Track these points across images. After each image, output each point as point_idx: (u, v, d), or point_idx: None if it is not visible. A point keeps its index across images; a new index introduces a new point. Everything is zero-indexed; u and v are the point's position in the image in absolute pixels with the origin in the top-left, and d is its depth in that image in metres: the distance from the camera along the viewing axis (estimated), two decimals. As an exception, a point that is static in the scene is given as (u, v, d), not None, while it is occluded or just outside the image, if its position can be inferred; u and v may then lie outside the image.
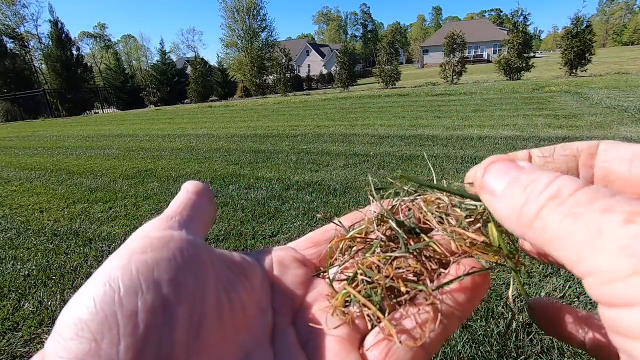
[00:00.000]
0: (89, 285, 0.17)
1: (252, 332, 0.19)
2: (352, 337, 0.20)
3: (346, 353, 0.19)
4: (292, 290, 0.22)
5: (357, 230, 0.23)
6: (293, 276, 0.23)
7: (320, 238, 0.26)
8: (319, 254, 0.25)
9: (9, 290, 2.14)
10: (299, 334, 0.20)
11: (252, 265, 0.22)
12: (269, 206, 3.11)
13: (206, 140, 6.98)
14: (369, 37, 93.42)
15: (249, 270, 0.22)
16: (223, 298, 0.19)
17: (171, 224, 0.20)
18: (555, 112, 6.51)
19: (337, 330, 0.20)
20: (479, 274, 0.19)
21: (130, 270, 0.17)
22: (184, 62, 47.43)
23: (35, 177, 5.00)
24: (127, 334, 0.15)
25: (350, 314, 0.20)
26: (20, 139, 10.39)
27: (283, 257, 0.24)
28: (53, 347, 0.15)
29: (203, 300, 0.18)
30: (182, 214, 0.22)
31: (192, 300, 0.17)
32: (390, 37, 19.51)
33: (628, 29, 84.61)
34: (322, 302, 0.22)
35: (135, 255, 0.17)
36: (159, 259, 0.17)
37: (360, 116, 8.40)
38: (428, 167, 3.86)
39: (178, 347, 0.16)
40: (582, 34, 14.18)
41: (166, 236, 0.19)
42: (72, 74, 25.74)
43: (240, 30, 35.04)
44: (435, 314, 0.19)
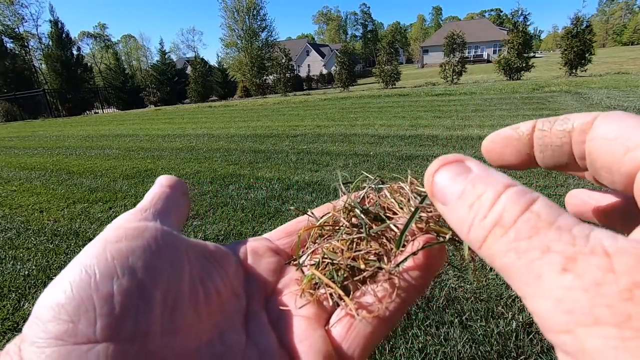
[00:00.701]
0: (65, 272, 0.18)
1: (227, 315, 0.21)
2: (319, 316, 0.22)
3: (312, 330, 0.21)
4: (265, 277, 0.24)
5: (325, 219, 0.25)
6: (266, 264, 0.24)
7: (293, 228, 0.28)
8: (291, 243, 0.27)
9: (9, 290, 2.14)
10: (270, 316, 0.22)
11: (227, 254, 0.23)
12: (269, 206, 3.11)
13: (206, 140, 6.98)
14: (369, 37, 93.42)
15: (224, 258, 0.23)
16: (197, 283, 0.20)
17: (145, 216, 0.21)
18: (555, 112, 6.51)
19: (304, 310, 0.22)
20: (433, 248, 0.21)
21: (105, 257, 0.18)
22: (184, 62, 47.45)
23: (35, 177, 5.00)
24: (103, 315, 0.16)
25: (316, 295, 0.22)
26: (20, 139, 10.39)
27: (257, 247, 0.25)
28: (32, 330, 0.16)
29: (178, 285, 0.19)
30: (156, 206, 0.23)
31: (166, 284, 0.18)
32: (390, 37, 19.54)
33: (628, 29, 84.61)
34: (293, 287, 0.23)
35: (110, 244, 0.18)
36: (134, 247, 0.18)
37: (360, 116, 8.40)
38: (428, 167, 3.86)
39: (154, 326, 0.17)
40: (582, 34, 14.19)
41: (140, 226, 0.20)
42: (72, 74, 25.74)
43: (240, 30, 35.05)
44: (392, 288, 0.20)
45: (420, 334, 1.52)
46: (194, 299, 0.19)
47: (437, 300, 1.72)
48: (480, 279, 1.84)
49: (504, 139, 0.20)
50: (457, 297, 1.74)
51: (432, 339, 1.49)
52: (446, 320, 1.58)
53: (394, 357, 1.43)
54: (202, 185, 3.93)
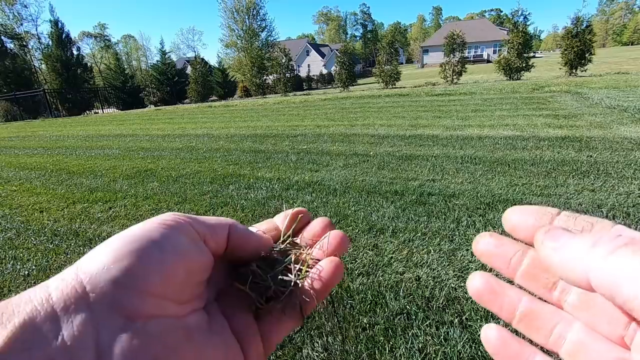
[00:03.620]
0: (122, 233, 0.22)
1: (199, 296, 0.26)
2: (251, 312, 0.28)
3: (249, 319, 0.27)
4: (218, 277, 0.29)
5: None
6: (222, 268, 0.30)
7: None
8: None
9: (9, 290, 2.14)
10: (221, 306, 0.27)
11: (208, 252, 0.27)
12: (269, 206, 3.11)
13: (206, 140, 6.98)
14: (369, 37, 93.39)
15: (208, 254, 0.27)
16: (201, 278, 0.25)
17: (192, 220, 0.26)
18: (555, 112, 6.51)
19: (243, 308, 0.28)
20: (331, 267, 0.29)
21: (151, 232, 0.22)
22: (184, 62, 47.42)
23: (35, 177, 5.00)
24: (147, 269, 0.21)
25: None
26: (20, 139, 10.39)
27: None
28: (91, 265, 0.20)
29: (192, 274, 0.24)
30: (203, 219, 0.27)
31: (187, 267, 0.23)
32: (390, 37, 19.47)
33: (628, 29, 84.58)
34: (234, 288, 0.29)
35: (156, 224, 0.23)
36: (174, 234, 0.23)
37: (360, 116, 8.40)
38: (427, 167, 3.86)
39: (170, 292, 0.22)
40: (582, 34, 14.18)
41: (185, 220, 0.25)
42: (72, 74, 25.76)
43: (239, 31, 35.05)
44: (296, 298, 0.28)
45: (420, 334, 1.52)
46: (193, 281, 0.24)
47: (437, 300, 1.72)
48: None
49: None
50: (457, 297, 1.74)
51: (432, 339, 1.49)
52: (446, 320, 1.58)
53: (394, 357, 1.43)
54: (202, 185, 3.93)
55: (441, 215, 2.63)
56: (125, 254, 0.21)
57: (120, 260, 0.20)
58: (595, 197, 2.74)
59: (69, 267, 0.21)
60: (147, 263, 0.21)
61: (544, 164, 3.62)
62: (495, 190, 3.05)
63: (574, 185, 3.00)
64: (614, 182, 3.01)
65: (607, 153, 3.82)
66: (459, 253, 2.12)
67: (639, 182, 2.95)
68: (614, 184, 2.97)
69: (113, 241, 0.22)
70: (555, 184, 3.07)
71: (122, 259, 0.20)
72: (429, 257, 2.10)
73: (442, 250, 2.17)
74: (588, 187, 2.95)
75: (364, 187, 3.38)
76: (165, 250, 0.22)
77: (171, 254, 0.22)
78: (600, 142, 4.26)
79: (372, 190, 3.29)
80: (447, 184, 3.30)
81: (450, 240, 2.28)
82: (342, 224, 2.64)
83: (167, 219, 0.24)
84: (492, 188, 3.10)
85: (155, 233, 0.22)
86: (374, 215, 2.74)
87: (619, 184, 2.96)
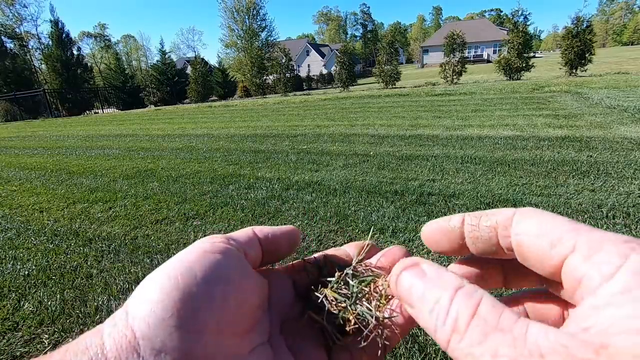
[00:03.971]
0: (168, 267, 0.21)
1: (262, 330, 0.24)
2: (322, 348, 0.25)
3: (320, 356, 0.25)
4: (282, 305, 0.27)
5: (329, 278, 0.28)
6: (284, 293, 0.28)
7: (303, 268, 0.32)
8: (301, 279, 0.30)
9: (9, 290, 2.14)
10: (286, 340, 0.25)
11: (264, 280, 0.27)
12: (269, 206, 3.11)
13: (206, 140, 6.98)
14: (369, 37, 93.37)
15: (264, 283, 0.26)
16: (255, 301, 0.24)
17: (230, 242, 0.25)
18: (555, 112, 6.51)
19: (312, 341, 0.25)
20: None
21: (204, 264, 0.21)
22: (184, 62, 47.43)
23: (35, 177, 5.00)
24: (202, 308, 0.20)
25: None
26: (20, 139, 10.39)
27: (278, 277, 0.29)
28: (140, 310, 0.19)
29: (245, 299, 0.22)
30: (240, 242, 0.26)
31: (240, 296, 0.22)
32: (390, 37, 19.45)
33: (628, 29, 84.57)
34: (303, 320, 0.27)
35: (208, 254, 0.22)
36: (224, 262, 0.22)
37: (360, 116, 8.40)
38: (427, 167, 3.86)
39: (227, 326, 0.21)
40: (583, 34, 14.17)
41: (228, 248, 0.24)
42: (72, 74, 25.77)
43: (239, 31, 35.05)
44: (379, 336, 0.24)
45: (420, 334, 1.52)
46: (251, 312, 0.23)
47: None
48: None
49: (438, 230, 0.23)
50: (457, 297, 1.74)
51: (432, 338, 1.49)
52: (446, 320, 1.58)
53: (394, 357, 1.43)
54: (202, 185, 3.93)
55: (441, 215, 2.62)
56: (169, 291, 0.20)
57: (165, 300, 0.19)
58: (595, 197, 2.74)
59: (121, 309, 0.20)
60: (195, 299, 0.20)
61: (544, 164, 3.62)
62: (495, 190, 3.05)
63: (574, 185, 3.00)
64: (614, 182, 3.01)
65: (607, 153, 3.82)
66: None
67: (639, 182, 2.95)
68: (614, 184, 2.97)
69: (158, 277, 0.21)
70: (555, 184, 3.06)
71: (167, 299, 0.19)
72: (429, 257, 2.10)
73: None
74: (588, 187, 2.95)
75: (364, 187, 3.38)
76: (210, 282, 0.21)
77: (217, 284, 0.21)
78: (600, 142, 4.26)
79: (372, 190, 3.29)
80: (447, 184, 3.30)
81: (450, 240, 2.28)
82: (342, 224, 2.64)
83: (205, 246, 0.23)
84: (492, 188, 3.10)
85: (196, 264, 0.21)
86: (374, 215, 2.74)
87: (619, 184, 2.96)
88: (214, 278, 0.21)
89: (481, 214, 0.21)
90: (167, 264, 0.22)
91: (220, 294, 0.21)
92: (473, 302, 0.17)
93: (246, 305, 0.22)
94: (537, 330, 0.15)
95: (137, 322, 0.19)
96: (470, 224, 0.22)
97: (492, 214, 0.21)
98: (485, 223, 0.21)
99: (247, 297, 0.23)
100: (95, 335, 0.19)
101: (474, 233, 0.21)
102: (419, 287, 0.19)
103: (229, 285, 0.21)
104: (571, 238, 0.17)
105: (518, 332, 0.15)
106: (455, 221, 0.22)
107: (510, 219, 0.20)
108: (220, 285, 0.21)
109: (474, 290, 0.17)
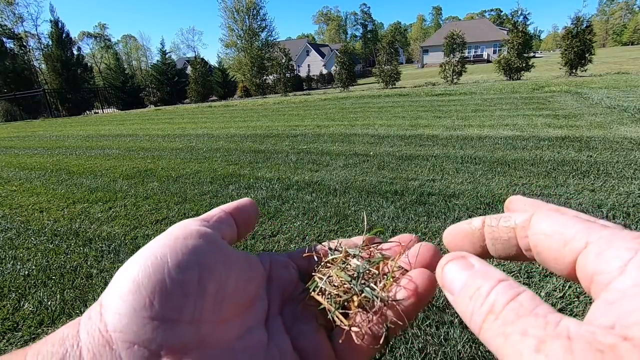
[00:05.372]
0: (139, 255, 0.21)
1: (254, 314, 0.24)
2: (322, 329, 0.25)
3: (320, 338, 0.24)
4: (283, 287, 0.27)
5: (335, 257, 0.28)
6: (286, 275, 0.28)
7: (308, 254, 0.31)
8: (306, 264, 0.30)
9: (9, 290, 2.14)
10: (285, 322, 0.25)
11: (257, 261, 0.27)
12: (269, 206, 3.11)
13: (206, 140, 6.98)
14: (369, 37, 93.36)
15: (255, 265, 0.26)
16: (240, 284, 0.23)
17: (207, 224, 0.25)
18: (555, 112, 6.50)
19: (312, 322, 0.25)
20: (424, 280, 0.24)
21: (176, 250, 0.21)
22: (184, 62, 47.41)
23: (35, 177, 5.00)
24: (173, 297, 0.19)
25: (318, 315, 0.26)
26: (20, 139, 10.39)
27: (279, 260, 0.29)
28: (112, 302, 0.19)
29: (226, 283, 0.22)
30: (216, 221, 0.26)
31: (218, 281, 0.22)
32: (390, 37, 19.45)
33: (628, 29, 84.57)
34: (304, 300, 0.26)
35: (179, 240, 0.22)
36: (198, 245, 0.22)
37: (360, 116, 8.40)
38: (427, 167, 3.86)
39: (206, 314, 0.20)
40: (582, 34, 14.17)
41: (205, 230, 0.23)
42: (72, 74, 25.73)
43: (239, 31, 35.00)
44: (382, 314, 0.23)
45: (420, 334, 1.52)
46: (236, 295, 0.23)
47: (437, 300, 1.72)
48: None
49: (460, 232, 0.24)
50: (457, 297, 1.74)
51: (432, 339, 1.49)
52: (446, 320, 1.58)
53: (394, 357, 1.43)
54: (202, 185, 3.93)
55: (441, 215, 2.63)
56: (140, 282, 0.19)
57: (137, 291, 0.19)
58: (595, 197, 2.74)
59: (97, 301, 0.20)
60: (168, 288, 0.19)
61: (544, 164, 3.62)
62: (495, 190, 3.05)
63: (574, 185, 3.00)
64: (614, 182, 3.01)
65: (607, 153, 3.82)
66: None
67: (639, 182, 2.95)
68: (614, 184, 2.97)
69: (130, 266, 0.20)
70: (555, 184, 3.06)
71: (139, 289, 0.19)
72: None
73: (442, 250, 2.17)
74: (588, 187, 2.95)
75: (364, 187, 3.38)
76: (183, 269, 0.20)
77: (190, 271, 0.20)
78: (600, 142, 4.26)
79: (372, 190, 3.29)
80: (447, 184, 3.30)
81: (450, 240, 2.27)
82: (342, 224, 2.64)
83: (178, 232, 0.22)
84: (492, 188, 3.10)
85: (168, 251, 0.21)
86: (374, 215, 2.74)
87: (619, 184, 2.96)
88: (187, 265, 0.20)
89: (501, 215, 0.22)
90: (139, 253, 0.21)
91: (194, 280, 0.20)
92: (513, 292, 0.17)
93: (229, 288, 0.22)
94: (570, 321, 0.15)
95: (110, 314, 0.19)
96: (490, 225, 0.22)
97: (511, 216, 0.21)
98: (505, 224, 0.21)
99: (229, 281, 0.22)
100: (73, 327, 0.19)
101: (494, 234, 0.22)
102: (464, 276, 0.20)
103: (204, 271, 0.21)
104: (583, 236, 0.17)
105: (551, 318, 0.15)
106: (477, 223, 0.23)
107: (529, 220, 0.20)
108: (195, 271, 0.20)
109: (517, 284, 0.18)
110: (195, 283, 0.20)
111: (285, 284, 0.27)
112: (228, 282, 0.22)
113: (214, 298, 0.21)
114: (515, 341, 0.15)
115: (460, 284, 0.19)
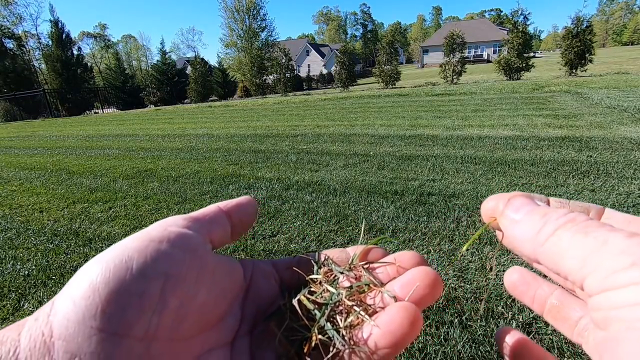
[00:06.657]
0: (106, 255, 0.19)
1: (221, 332, 0.22)
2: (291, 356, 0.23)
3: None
4: (259, 302, 0.25)
5: (315, 276, 0.25)
6: (265, 289, 0.25)
7: (295, 266, 0.29)
8: (291, 277, 0.27)
9: (9, 290, 2.14)
10: (253, 343, 0.23)
11: (239, 270, 0.24)
12: (269, 206, 3.11)
13: (206, 140, 6.98)
14: (369, 37, 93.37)
15: (235, 275, 0.24)
16: (210, 299, 0.21)
17: (192, 225, 0.22)
18: (555, 112, 6.51)
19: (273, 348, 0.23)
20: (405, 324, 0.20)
21: (145, 255, 0.19)
22: (184, 62, 47.42)
23: (35, 177, 5.00)
24: (128, 309, 0.17)
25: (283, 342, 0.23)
26: (20, 139, 10.39)
27: (264, 270, 0.26)
28: (63, 305, 0.17)
29: (194, 298, 0.20)
30: (204, 221, 0.24)
31: (185, 295, 0.19)
32: (390, 37, 19.46)
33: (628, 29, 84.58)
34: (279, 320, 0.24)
35: (152, 243, 0.20)
36: (171, 253, 0.20)
37: (360, 116, 8.40)
38: (427, 167, 3.86)
39: (162, 330, 0.18)
40: (583, 34, 14.17)
41: (184, 234, 0.21)
42: (72, 74, 25.73)
43: (240, 30, 35.02)
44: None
45: (420, 334, 1.52)
46: (202, 312, 0.20)
47: (436, 300, 1.72)
48: (479, 280, 1.84)
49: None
50: (457, 297, 1.74)
51: (432, 339, 1.49)
52: (446, 320, 1.58)
53: (394, 358, 1.42)
54: (202, 185, 3.93)
55: (441, 215, 2.63)
56: (96, 286, 0.17)
57: (91, 297, 0.17)
58: (595, 197, 2.74)
59: (49, 302, 0.18)
60: (125, 297, 0.17)
61: (544, 164, 3.62)
62: (495, 190, 3.05)
63: (574, 185, 3.00)
64: (614, 182, 3.01)
65: (607, 153, 3.82)
66: (458, 253, 2.12)
67: (639, 182, 2.96)
68: (614, 184, 2.97)
69: (91, 266, 0.18)
70: (555, 184, 3.06)
71: (93, 295, 0.17)
72: (429, 257, 2.10)
73: (442, 250, 2.17)
74: (588, 187, 2.95)
75: (364, 187, 3.38)
76: (147, 276, 0.18)
77: (155, 280, 0.18)
78: (600, 142, 4.26)
79: (372, 190, 3.29)
80: (447, 184, 3.30)
81: (450, 240, 2.28)
82: (342, 224, 2.64)
83: (153, 233, 0.20)
84: (492, 188, 3.10)
85: (136, 254, 0.19)
86: (374, 215, 2.74)
87: (619, 184, 2.96)
88: (151, 273, 0.18)
89: (569, 200, 0.23)
90: (108, 251, 0.19)
91: (156, 292, 0.18)
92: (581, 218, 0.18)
93: (195, 303, 0.20)
94: None
95: (57, 319, 0.17)
96: (558, 203, 0.23)
97: (582, 203, 0.22)
98: (579, 205, 0.22)
99: (198, 295, 0.20)
100: (16, 330, 0.17)
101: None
102: (534, 204, 0.20)
103: (170, 282, 0.19)
104: (593, 260, 0.16)
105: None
106: (539, 197, 0.23)
107: (602, 210, 0.21)
108: (159, 282, 0.18)
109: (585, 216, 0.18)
110: (156, 296, 0.18)
111: (263, 299, 0.25)
112: (197, 296, 0.20)
113: (174, 314, 0.19)
114: (601, 234, 0.15)
115: (531, 208, 0.19)
